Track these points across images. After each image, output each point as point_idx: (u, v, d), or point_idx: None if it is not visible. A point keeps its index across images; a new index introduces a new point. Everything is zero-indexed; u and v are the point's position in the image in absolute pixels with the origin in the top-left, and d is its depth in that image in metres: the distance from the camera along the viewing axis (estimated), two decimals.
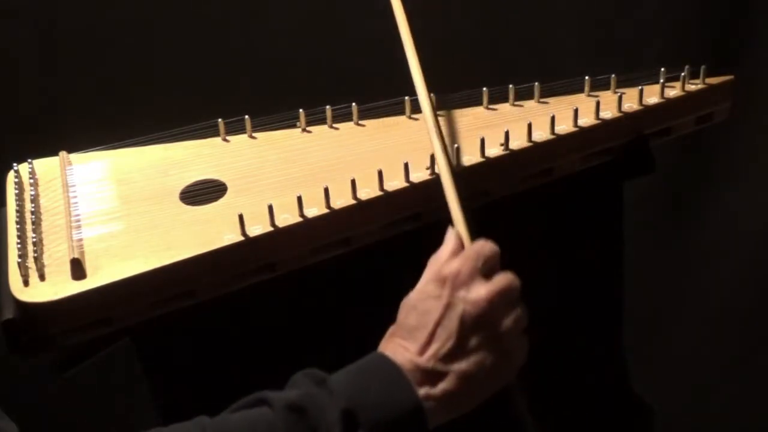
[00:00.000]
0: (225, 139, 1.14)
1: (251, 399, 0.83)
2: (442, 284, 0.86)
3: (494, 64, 1.63)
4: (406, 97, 1.14)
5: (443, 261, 0.87)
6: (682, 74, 1.10)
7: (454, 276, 0.85)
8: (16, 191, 1.06)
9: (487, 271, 0.86)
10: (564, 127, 1.07)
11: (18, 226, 1.01)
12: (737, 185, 1.75)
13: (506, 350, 0.85)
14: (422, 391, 0.83)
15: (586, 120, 1.07)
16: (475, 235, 0.90)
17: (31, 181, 1.07)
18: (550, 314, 1.15)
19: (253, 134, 1.14)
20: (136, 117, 1.22)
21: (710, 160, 1.74)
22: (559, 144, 1.06)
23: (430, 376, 0.83)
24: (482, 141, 1.04)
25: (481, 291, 0.85)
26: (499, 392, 0.86)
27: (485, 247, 0.87)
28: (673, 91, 1.10)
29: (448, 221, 0.92)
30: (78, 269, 0.95)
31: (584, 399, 1.21)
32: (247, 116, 1.14)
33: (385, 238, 1.03)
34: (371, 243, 1.02)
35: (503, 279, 0.86)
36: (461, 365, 0.83)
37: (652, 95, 1.09)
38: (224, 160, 1.10)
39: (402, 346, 0.85)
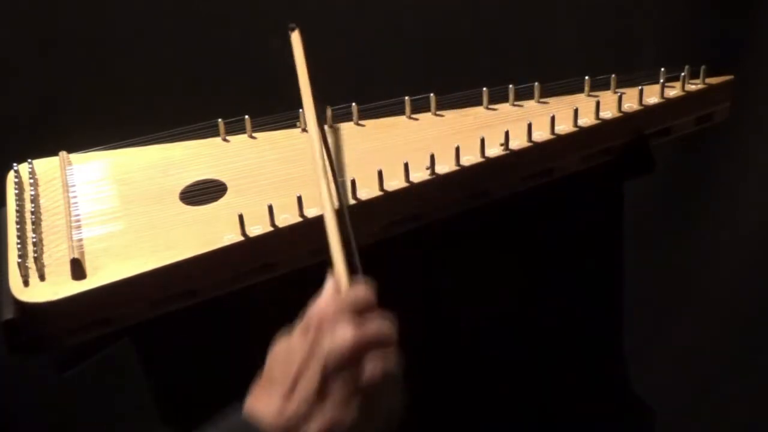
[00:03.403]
0: (225, 139, 1.14)
1: None
2: (306, 332, 0.81)
3: (494, 64, 1.63)
4: (406, 97, 1.14)
5: (312, 308, 0.82)
6: (682, 74, 1.10)
7: (318, 322, 0.80)
8: (16, 191, 1.06)
9: (358, 316, 0.81)
10: (564, 127, 1.07)
11: (18, 226, 1.01)
12: (737, 185, 1.74)
13: (368, 405, 0.79)
14: None
15: (586, 120, 1.07)
16: (369, 272, 0.85)
17: (31, 181, 1.07)
18: (550, 314, 1.15)
19: (253, 134, 1.15)
20: (136, 117, 1.22)
21: (710, 160, 1.73)
22: (559, 144, 1.06)
23: (292, 429, 0.79)
24: (482, 141, 1.04)
25: (345, 336, 0.79)
26: None
27: (356, 290, 0.83)
28: (673, 91, 1.10)
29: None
30: (78, 269, 0.95)
31: (584, 399, 1.21)
32: (247, 116, 1.14)
33: (385, 238, 1.03)
34: (371, 243, 1.02)
35: (372, 326, 0.80)
36: (322, 419, 0.79)
37: (652, 95, 1.09)
38: (224, 160, 1.10)
39: (265, 399, 0.81)
